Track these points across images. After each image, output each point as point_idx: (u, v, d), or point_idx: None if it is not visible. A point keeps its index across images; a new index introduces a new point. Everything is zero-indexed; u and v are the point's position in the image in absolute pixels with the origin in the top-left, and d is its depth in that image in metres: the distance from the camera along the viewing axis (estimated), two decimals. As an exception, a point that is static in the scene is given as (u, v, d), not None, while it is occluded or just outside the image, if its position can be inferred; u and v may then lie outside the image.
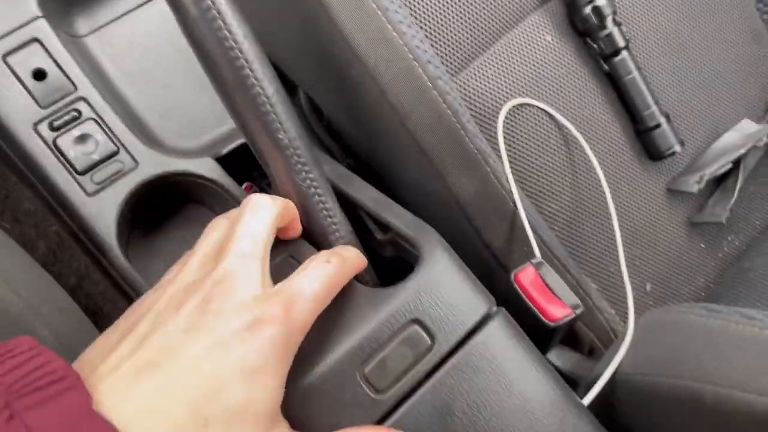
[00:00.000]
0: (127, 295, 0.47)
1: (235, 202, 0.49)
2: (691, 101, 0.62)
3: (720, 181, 0.63)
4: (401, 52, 0.45)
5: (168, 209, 0.52)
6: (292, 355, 0.32)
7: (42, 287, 0.41)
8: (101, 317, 0.58)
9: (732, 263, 0.63)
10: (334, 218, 0.43)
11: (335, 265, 0.37)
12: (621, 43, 0.57)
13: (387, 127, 0.47)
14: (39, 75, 0.48)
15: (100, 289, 0.58)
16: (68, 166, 0.46)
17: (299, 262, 0.42)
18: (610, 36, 0.57)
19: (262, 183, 0.55)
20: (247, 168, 0.53)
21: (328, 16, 0.44)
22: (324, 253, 0.38)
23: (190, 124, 0.52)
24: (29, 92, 0.47)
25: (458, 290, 0.39)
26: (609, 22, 0.57)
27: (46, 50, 0.48)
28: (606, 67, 0.58)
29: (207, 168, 0.48)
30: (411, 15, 0.51)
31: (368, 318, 0.37)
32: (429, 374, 0.37)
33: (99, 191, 0.46)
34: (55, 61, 0.48)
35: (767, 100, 0.67)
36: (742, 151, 0.60)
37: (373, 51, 0.44)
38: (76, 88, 0.48)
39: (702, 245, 0.63)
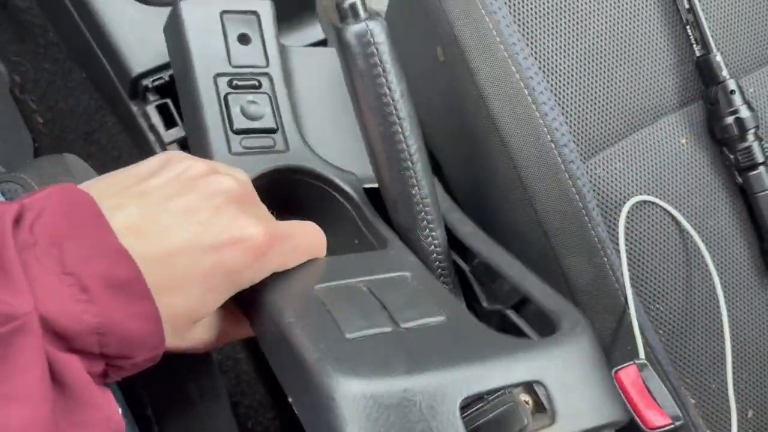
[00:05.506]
0: None
1: (371, 238, 0.48)
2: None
3: None
4: (541, 133, 0.46)
5: (285, 203, 0.53)
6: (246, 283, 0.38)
7: None
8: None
9: None
10: (447, 279, 0.44)
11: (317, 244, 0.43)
12: (760, 158, 0.56)
13: (512, 203, 0.48)
14: (243, 39, 0.50)
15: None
16: (227, 119, 0.47)
17: None
18: (749, 149, 0.56)
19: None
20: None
21: (477, 89, 0.46)
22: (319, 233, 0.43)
23: (338, 154, 0.51)
24: (227, 47, 0.49)
25: (595, 383, 0.36)
26: (750, 135, 0.56)
27: (260, 25, 0.50)
28: (740, 179, 0.57)
29: (350, 185, 0.48)
30: (554, 96, 0.52)
31: (486, 351, 0.34)
32: None
33: (242, 154, 0.46)
34: (262, 37, 0.50)
35: None
36: None
37: (514, 127, 0.46)
38: (267, 64, 0.50)
39: (817, 382, 0.59)
